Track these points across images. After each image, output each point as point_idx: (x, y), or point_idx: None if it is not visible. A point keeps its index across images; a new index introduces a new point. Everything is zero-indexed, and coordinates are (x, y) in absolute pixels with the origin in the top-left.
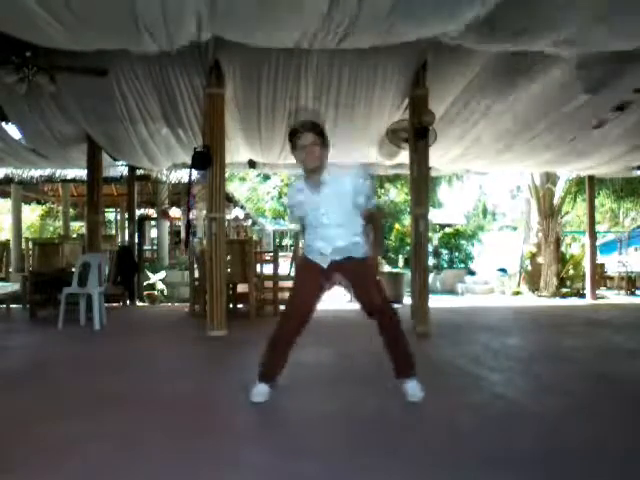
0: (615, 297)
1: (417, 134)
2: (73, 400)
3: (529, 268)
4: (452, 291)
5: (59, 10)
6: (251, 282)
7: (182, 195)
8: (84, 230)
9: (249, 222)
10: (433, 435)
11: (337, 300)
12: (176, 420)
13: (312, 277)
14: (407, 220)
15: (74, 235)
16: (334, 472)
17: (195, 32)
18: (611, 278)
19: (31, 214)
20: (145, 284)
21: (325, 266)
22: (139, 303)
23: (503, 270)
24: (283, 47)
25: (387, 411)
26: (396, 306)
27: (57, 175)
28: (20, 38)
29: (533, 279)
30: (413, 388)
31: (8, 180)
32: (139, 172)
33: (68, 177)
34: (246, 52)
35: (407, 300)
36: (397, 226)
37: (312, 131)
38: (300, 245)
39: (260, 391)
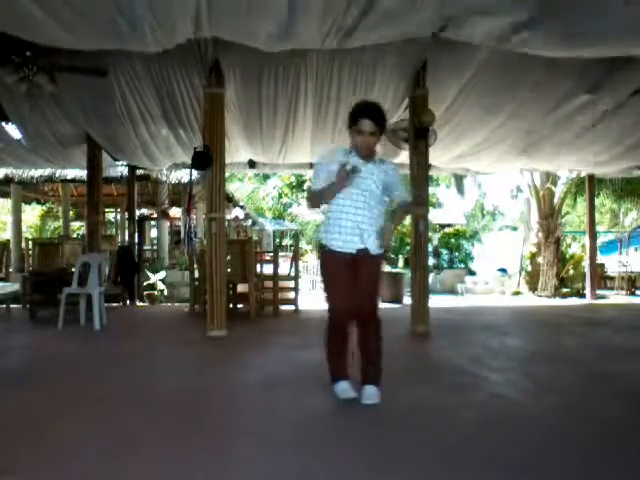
0: (615, 297)
1: (417, 134)
2: (73, 400)
3: (529, 268)
4: (452, 291)
5: (56, 7)
6: (251, 282)
7: (182, 195)
8: (84, 230)
9: (249, 222)
10: (433, 435)
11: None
12: (176, 420)
13: (342, 269)
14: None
15: (74, 235)
16: (334, 471)
17: (191, 31)
18: (611, 278)
19: (31, 214)
20: (145, 284)
21: (350, 251)
22: (139, 303)
23: (503, 270)
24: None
25: (386, 410)
26: (396, 306)
27: (57, 175)
28: (19, 37)
29: (533, 279)
30: (370, 392)
31: (8, 180)
32: (139, 172)
33: (68, 177)
34: (246, 52)
35: (407, 300)
36: (397, 226)
37: (374, 119)
38: (320, 233)
39: (344, 388)
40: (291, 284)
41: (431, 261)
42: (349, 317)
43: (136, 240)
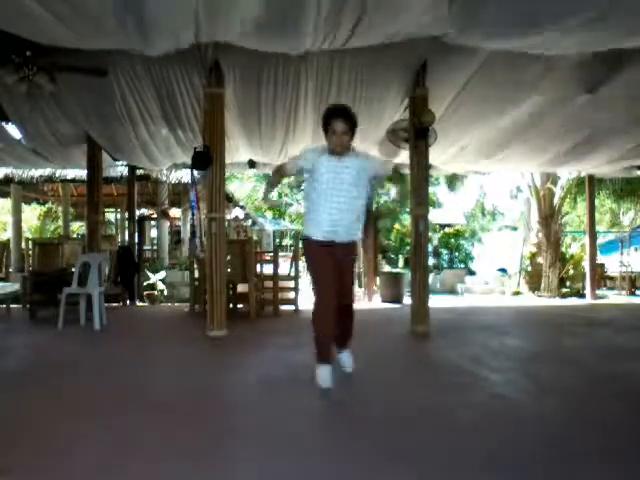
0: (616, 297)
1: (417, 134)
2: (73, 400)
3: (529, 268)
4: (452, 291)
5: (55, 4)
6: (251, 282)
7: (182, 195)
8: (84, 230)
9: (249, 222)
10: (433, 435)
11: None
12: (176, 420)
13: (325, 254)
14: (407, 220)
15: (74, 235)
16: (334, 471)
17: (192, 34)
18: (612, 278)
19: (31, 214)
20: (145, 284)
21: (328, 241)
22: (139, 303)
23: (503, 270)
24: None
25: (387, 410)
26: (396, 306)
27: (57, 175)
28: (19, 35)
29: (533, 279)
30: (346, 359)
31: (8, 180)
32: (139, 172)
33: (68, 177)
34: (246, 52)
35: (407, 300)
36: (397, 226)
37: (345, 119)
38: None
39: (324, 377)
40: (291, 284)
41: (431, 261)
42: (336, 297)
43: (136, 240)
